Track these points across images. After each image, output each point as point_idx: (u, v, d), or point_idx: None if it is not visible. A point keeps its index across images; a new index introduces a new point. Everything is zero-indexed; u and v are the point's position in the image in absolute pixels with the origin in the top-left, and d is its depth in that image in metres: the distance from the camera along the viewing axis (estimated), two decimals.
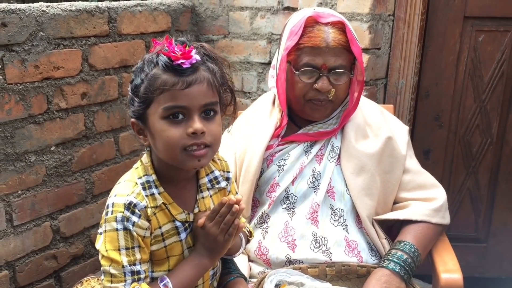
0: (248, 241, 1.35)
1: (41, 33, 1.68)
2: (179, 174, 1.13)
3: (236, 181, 1.53)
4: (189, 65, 1.04)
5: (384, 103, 2.23)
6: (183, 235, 1.15)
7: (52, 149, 1.79)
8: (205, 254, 1.13)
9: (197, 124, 1.04)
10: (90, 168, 1.96)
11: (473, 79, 2.26)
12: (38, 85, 1.71)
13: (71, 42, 1.80)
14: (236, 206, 1.09)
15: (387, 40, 2.19)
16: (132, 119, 1.11)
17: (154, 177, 1.12)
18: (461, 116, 2.32)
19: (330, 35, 1.44)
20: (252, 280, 1.49)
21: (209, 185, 1.21)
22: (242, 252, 1.42)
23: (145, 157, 1.15)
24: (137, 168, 1.15)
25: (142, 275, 1.08)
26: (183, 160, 1.07)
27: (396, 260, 1.41)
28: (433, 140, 2.36)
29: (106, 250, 1.06)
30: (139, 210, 1.07)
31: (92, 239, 2.01)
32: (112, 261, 1.06)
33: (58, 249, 1.88)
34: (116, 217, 1.06)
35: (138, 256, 1.07)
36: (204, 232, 1.12)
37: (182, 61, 1.03)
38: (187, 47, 1.06)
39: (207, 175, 1.22)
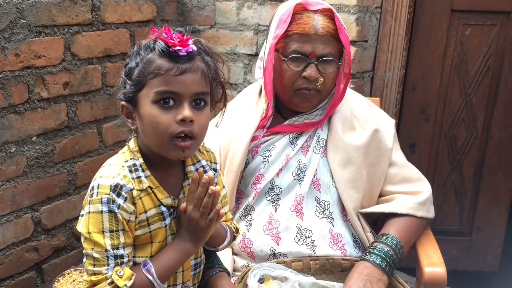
0: (234, 238, 1.34)
1: (21, 20, 1.64)
2: (165, 160, 1.13)
3: (221, 172, 1.52)
4: (185, 53, 1.05)
5: (370, 96, 2.22)
6: (167, 221, 1.14)
7: (33, 139, 1.76)
8: (188, 239, 1.13)
9: (187, 111, 1.04)
10: (72, 159, 1.93)
11: (459, 73, 2.27)
12: (19, 74, 1.67)
13: (53, 30, 1.77)
14: (212, 187, 1.09)
15: (374, 32, 2.18)
16: (122, 102, 1.11)
17: (141, 160, 1.12)
18: (447, 110, 2.32)
19: (319, 22, 1.43)
20: (236, 273, 1.48)
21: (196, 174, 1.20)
22: None
23: (132, 142, 1.15)
24: (123, 152, 1.15)
25: (125, 259, 1.07)
26: (168, 148, 1.07)
27: (377, 252, 1.41)
28: (418, 133, 2.36)
29: (89, 232, 1.05)
30: (125, 193, 1.06)
31: (75, 231, 1.98)
32: (95, 244, 1.04)
33: (40, 241, 1.85)
34: (101, 198, 1.04)
35: (122, 239, 1.06)
36: (186, 216, 1.12)
37: (179, 48, 1.05)
38: (185, 36, 1.07)
39: (193, 164, 1.22)
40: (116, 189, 1.05)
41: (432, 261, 1.46)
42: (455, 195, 2.43)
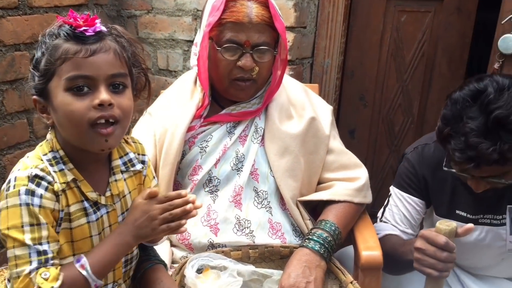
0: None
1: None
2: (88, 156, 1.06)
3: (156, 163, 1.48)
4: (93, 33, 0.99)
5: (310, 83, 2.23)
6: (91, 217, 1.07)
7: None
8: (131, 232, 1.06)
9: (104, 94, 0.98)
10: (1, 151, 1.83)
11: (396, 59, 2.31)
12: None
13: None
14: (190, 205, 1.05)
15: (313, 18, 2.18)
16: (34, 97, 1.03)
17: (62, 152, 1.04)
18: (384, 95, 2.37)
19: (253, 10, 1.40)
20: (174, 265, 1.45)
21: (123, 168, 1.15)
22: None
23: (49, 135, 1.07)
24: (41, 145, 1.07)
25: (50, 255, 0.99)
26: (89, 139, 1.00)
27: (316, 238, 1.42)
28: (357, 119, 2.40)
29: (8, 228, 0.97)
30: (46, 182, 0.99)
31: None
32: (14, 240, 0.97)
33: None
34: (19, 191, 0.97)
35: (44, 233, 0.98)
36: (145, 208, 1.05)
37: (85, 28, 0.99)
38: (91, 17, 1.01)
39: (120, 157, 1.15)
40: (35, 179, 0.99)
41: (369, 245, 1.49)
42: (393, 179, 2.48)
